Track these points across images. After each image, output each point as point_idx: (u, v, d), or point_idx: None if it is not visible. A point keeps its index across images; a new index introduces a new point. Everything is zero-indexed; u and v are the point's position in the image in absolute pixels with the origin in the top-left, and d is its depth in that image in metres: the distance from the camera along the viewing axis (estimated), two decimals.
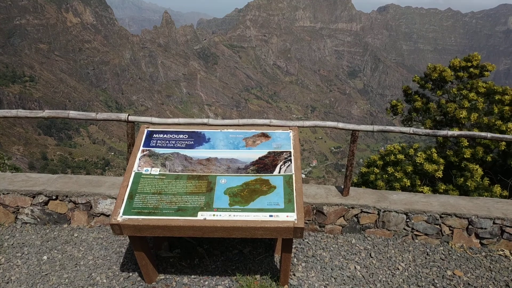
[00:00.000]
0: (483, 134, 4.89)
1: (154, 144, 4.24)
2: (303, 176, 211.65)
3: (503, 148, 8.16)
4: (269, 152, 4.15)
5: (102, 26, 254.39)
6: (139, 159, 4.08)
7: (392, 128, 4.94)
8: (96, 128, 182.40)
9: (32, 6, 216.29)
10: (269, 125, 4.94)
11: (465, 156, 8.20)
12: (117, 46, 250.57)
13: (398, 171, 8.31)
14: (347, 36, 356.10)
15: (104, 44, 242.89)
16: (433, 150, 8.29)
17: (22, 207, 5.24)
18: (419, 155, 8.27)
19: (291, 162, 4.05)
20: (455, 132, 4.91)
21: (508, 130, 8.02)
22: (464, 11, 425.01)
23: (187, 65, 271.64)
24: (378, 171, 8.72)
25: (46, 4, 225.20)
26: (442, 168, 8.13)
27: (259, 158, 4.08)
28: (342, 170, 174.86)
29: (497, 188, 7.77)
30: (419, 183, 8.17)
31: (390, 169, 8.42)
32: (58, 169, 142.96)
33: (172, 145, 4.24)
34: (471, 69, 9.82)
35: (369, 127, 4.96)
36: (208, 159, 4.08)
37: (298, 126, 4.68)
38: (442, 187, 8.01)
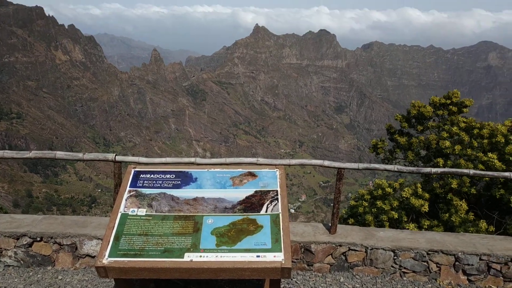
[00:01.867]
0: (465, 170, 5.00)
1: (141, 185, 4.25)
2: (292, 211, 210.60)
3: (487, 179, 8.30)
4: (256, 191, 4.18)
5: (91, 64, 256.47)
6: (126, 200, 4.08)
7: (377, 166, 5.02)
8: (83, 165, 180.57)
9: (21, 44, 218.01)
10: (256, 164, 4.98)
11: (452, 186, 8.30)
12: (105, 83, 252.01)
13: (385, 204, 8.39)
14: (333, 73, 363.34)
15: (93, 81, 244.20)
16: (418, 185, 8.40)
17: (5, 249, 5.14)
18: (405, 190, 8.38)
19: (278, 201, 4.08)
20: (439, 169, 5.01)
21: (490, 160, 8.19)
22: (445, 48, 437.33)
23: (175, 101, 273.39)
24: (366, 204, 8.79)
25: (36, 42, 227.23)
26: (428, 203, 8.22)
27: (246, 197, 4.11)
28: (331, 204, 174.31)
29: (483, 224, 7.84)
30: (405, 219, 8.23)
31: (379, 203, 8.49)
32: (43, 207, 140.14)
33: (159, 185, 4.25)
34: (450, 107, 10.10)
35: (354, 165, 5.04)
36: (195, 199, 4.09)
37: (284, 165, 4.74)
38: (426, 223, 8.07)
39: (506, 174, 4.97)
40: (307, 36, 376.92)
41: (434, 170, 4.98)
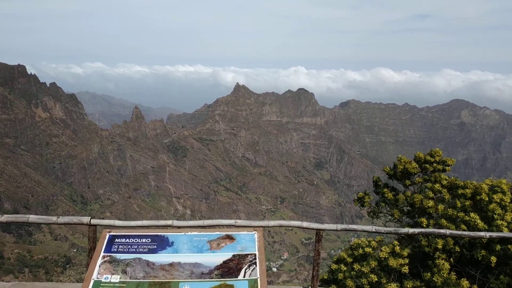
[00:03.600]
0: (442, 231, 5.05)
1: (115, 249, 4.13)
2: (274, 269, 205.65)
3: (467, 240, 8.32)
4: (233, 255, 4.09)
5: (72, 121, 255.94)
6: (99, 266, 3.94)
7: (354, 226, 5.04)
8: None
9: (1, 102, 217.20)
10: (235, 226, 4.93)
11: (438, 246, 8.27)
12: (85, 140, 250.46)
13: (364, 266, 8.27)
14: (312, 130, 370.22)
15: (73, 138, 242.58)
16: (395, 242, 8.36)
17: None
18: (383, 249, 8.31)
19: (256, 265, 3.99)
20: (416, 229, 5.05)
21: (471, 221, 8.26)
22: (420, 106, 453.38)
23: (156, 158, 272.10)
24: (345, 268, 8.65)
25: (16, 100, 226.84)
26: (407, 261, 8.14)
27: (224, 262, 4.01)
28: None
29: (465, 282, 7.77)
30: (384, 281, 8.09)
31: (356, 266, 8.39)
32: (15, 268, 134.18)
33: (134, 250, 4.13)
34: (435, 164, 10.37)
35: (333, 226, 5.05)
36: (171, 264, 3.97)
37: (263, 226, 4.71)
38: (409, 284, 7.95)
39: (482, 234, 5.03)
40: (286, 95, 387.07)
41: (411, 230, 5.01)
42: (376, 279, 8.05)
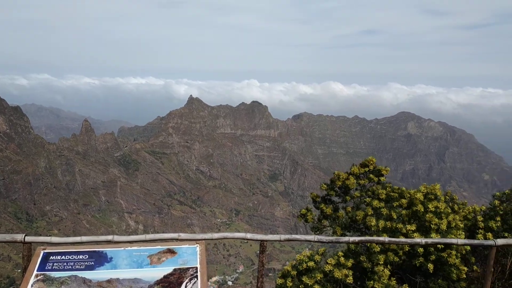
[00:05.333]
0: (381, 238, 5.22)
1: (50, 267, 3.96)
2: (230, 283, 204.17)
3: (407, 249, 8.62)
4: (174, 269, 4.04)
5: (16, 135, 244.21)
6: (32, 286, 3.83)
7: (297, 236, 5.11)
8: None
9: None
10: (178, 239, 4.87)
11: (379, 262, 8.50)
12: (31, 155, 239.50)
13: (311, 278, 8.36)
14: (266, 142, 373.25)
15: (17, 152, 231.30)
16: (340, 254, 8.54)
17: None
18: (329, 262, 8.45)
19: (197, 279, 3.95)
20: (356, 238, 5.20)
21: (409, 232, 8.58)
22: (369, 118, 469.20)
23: (106, 173, 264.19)
24: (291, 284, 8.71)
25: None
26: (351, 273, 8.31)
27: (164, 276, 3.94)
28: (270, 274, 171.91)
29: None
30: None
31: (305, 279, 8.47)
32: None
33: (70, 267, 3.98)
34: (370, 175, 10.68)
35: (276, 237, 5.10)
36: (109, 281, 3.87)
37: (206, 239, 4.69)
38: None
39: (418, 240, 5.26)
40: (240, 107, 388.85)
41: (352, 239, 5.15)
42: None
